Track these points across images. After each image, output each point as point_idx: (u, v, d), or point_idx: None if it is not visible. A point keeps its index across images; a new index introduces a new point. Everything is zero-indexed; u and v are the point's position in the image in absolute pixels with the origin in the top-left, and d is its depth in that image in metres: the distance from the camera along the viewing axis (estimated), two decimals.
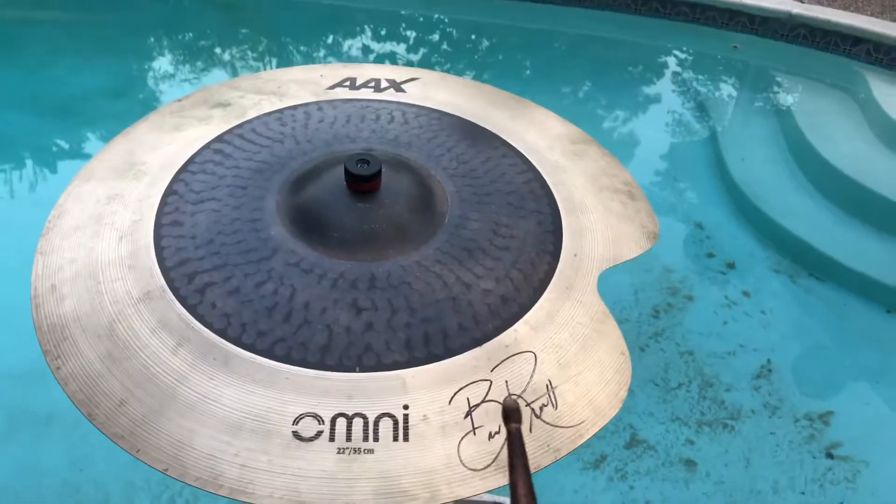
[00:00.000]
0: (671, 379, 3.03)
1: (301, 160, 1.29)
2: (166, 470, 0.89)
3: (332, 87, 1.54)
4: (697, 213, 3.96)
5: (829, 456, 2.73)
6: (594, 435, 0.95)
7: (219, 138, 1.35)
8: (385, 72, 1.61)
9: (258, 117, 1.43)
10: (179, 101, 1.50)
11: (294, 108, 1.46)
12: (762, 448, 2.77)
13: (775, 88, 4.84)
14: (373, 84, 1.55)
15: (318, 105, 1.47)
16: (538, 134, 1.47)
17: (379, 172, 1.14)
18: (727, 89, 5.14)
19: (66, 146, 4.33)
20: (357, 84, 1.55)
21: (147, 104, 4.73)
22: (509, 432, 0.93)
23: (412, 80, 1.59)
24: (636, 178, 4.16)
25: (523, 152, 1.38)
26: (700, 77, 5.27)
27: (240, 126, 1.39)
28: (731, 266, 3.55)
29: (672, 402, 2.95)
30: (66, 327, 1.03)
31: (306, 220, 1.15)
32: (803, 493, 2.63)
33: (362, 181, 1.13)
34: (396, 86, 1.56)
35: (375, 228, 1.13)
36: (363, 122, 1.41)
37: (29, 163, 4.18)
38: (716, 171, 4.14)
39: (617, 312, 3.26)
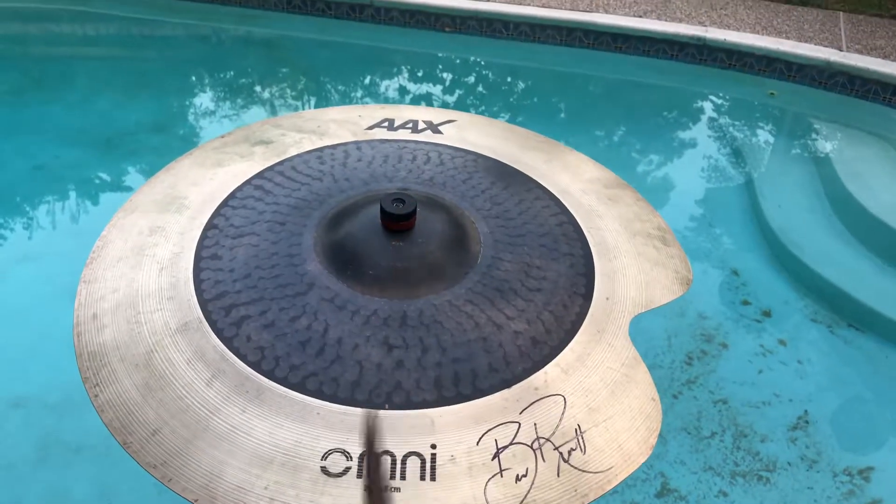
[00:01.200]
0: (704, 428, 2.97)
1: (339, 198, 1.31)
2: (196, 501, 0.89)
3: (370, 128, 1.57)
4: (733, 259, 3.91)
5: None
6: (623, 481, 0.94)
7: (259, 175, 1.39)
8: (422, 113, 1.64)
9: (299, 155, 1.46)
10: (222, 137, 1.54)
11: (334, 146, 1.49)
12: (798, 502, 2.69)
13: (813, 136, 4.81)
14: (410, 125, 1.58)
15: (357, 144, 1.49)
16: (572, 178, 1.47)
17: (414, 212, 1.16)
18: (764, 136, 5.11)
19: (108, 179, 4.45)
20: (395, 125, 1.58)
21: (187, 140, 4.85)
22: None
23: (449, 121, 1.61)
24: (671, 223, 4.13)
25: (557, 195, 1.39)
26: (736, 123, 5.25)
27: (280, 163, 1.42)
28: (767, 314, 3.49)
29: (705, 452, 2.88)
30: (106, 355, 1.05)
31: (342, 257, 1.17)
32: None
33: (397, 220, 1.15)
34: (433, 127, 1.58)
35: (409, 267, 1.14)
36: (400, 162, 1.43)
37: (72, 195, 4.29)
38: (752, 218, 4.10)
39: (650, 358, 3.23)
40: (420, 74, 5.94)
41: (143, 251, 1.22)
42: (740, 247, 4.08)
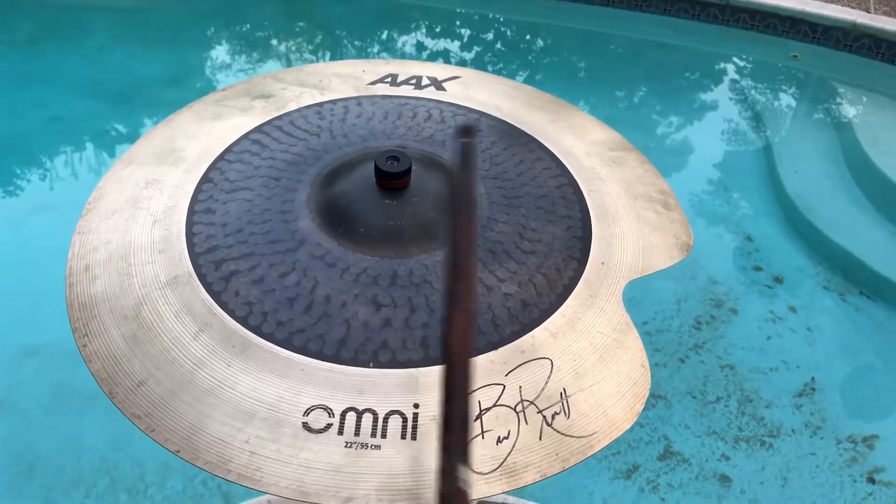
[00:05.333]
0: (710, 392, 2.97)
1: (335, 154, 1.30)
2: (178, 452, 0.90)
3: (373, 83, 1.55)
4: (747, 224, 3.87)
5: (871, 481, 2.64)
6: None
7: (257, 129, 1.37)
8: (427, 69, 1.61)
9: (298, 110, 1.44)
10: (223, 90, 1.52)
11: (334, 102, 1.47)
12: (801, 468, 2.70)
13: (836, 100, 4.69)
14: (414, 81, 1.55)
15: (358, 100, 1.47)
16: (577, 138, 1.45)
17: (409, 170, 1.14)
18: (785, 99, 5.01)
19: (124, 131, 4.45)
20: (398, 81, 1.55)
21: (203, 92, 4.84)
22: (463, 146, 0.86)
23: (453, 78, 1.58)
24: (687, 185, 4.09)
25: (559, 156, 1.37)
26: (758, 86, 5.15)
27: (279, 118, 1.41)
28: (779, 280, 3.46)
29: (709, 416, 2.89)
30: (96, 306, 1.06)
31: (334, 214, 1.16)
32: None
33: (391, 178, 1.14)
34: (437, 84, 1.55)
35: (401, 225, 1.13)
36: (400, 118, 1.41)
37: (87, 146, 4.31)
38: (769, 183, 4.05)
39: (658, 322, 3.22)
40: (438, 30, 5.86)
41: (137, 203, 1.22)
42: (755, 212, 4.03)
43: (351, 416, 0.93)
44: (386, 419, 0.93)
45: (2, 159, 4.11)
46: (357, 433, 0.92)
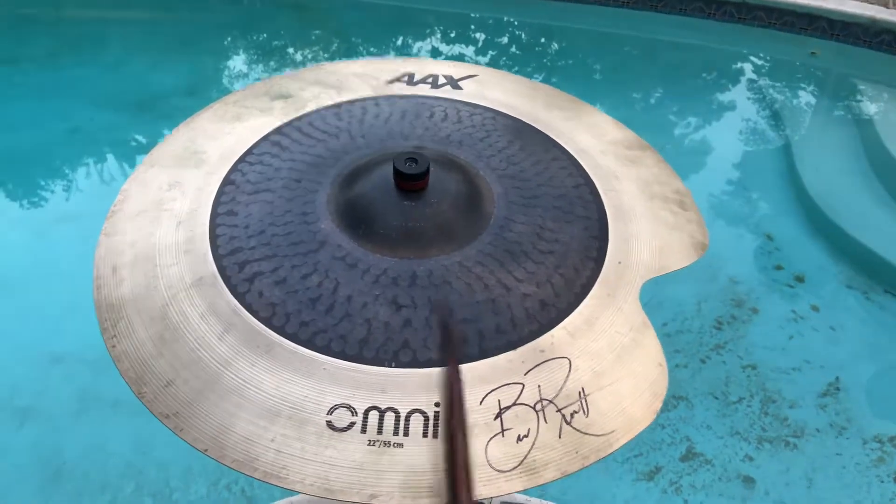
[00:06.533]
0: (732, 393, 2.96)
1: (354, 155, 1.31)
2: (206, 450, 0.92)
3: (390, 82, 1.55)
4: (767, 223, 3.85)
5: None
6: (623, 445, 0.94)
7: (277, 130, 1.39)
8: (443, 68, 1.61)
9: (316, 111, 1.45)
10: (242, 90, 1.54)
11: (352, 102, 1.48)
12: (826, 469, 2.68)
13: (856, 97, 4.65)
14: (430, 80, 1.56)
15: (376, 100, 1.48)
16: (593, 138, 1.45)
17: (426, 171, 1.15)
18: (805, 97, 4.97)
19: (143, 141, 4.51)
20: (415, 80, 1.56)
21: None
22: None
23: (470, 77, 1.59)
24: (706, 185, 4.08)
25: (575, 156, 1.37)
26: (776, 84, 5.12)
27: (298, 119, 1.42)
28: (801, 279, 3.44)
29: (732, 417, 2.88)
30: (123, 308, 1.08)
31: (354, 216, 1.17)
32: None
33: (410, 179, 1.14)
34: (453, 83, 1.56)
35: (420, 227, 1.13)
36: (417, 119, 1.42)
37: (107, 156, 4.38)
38: (788, 182, 4.02)
39: (678, 323, 3.21)
40: (452, 35, 5.88)
41: (161, 205, 1.24)
42: (776, 211, 4.01)
43: (374, 415, 0.94)
44: (408, 418, 0.94)
45: (25, 171, 4.18)
46: (380, 431, 0.93)
